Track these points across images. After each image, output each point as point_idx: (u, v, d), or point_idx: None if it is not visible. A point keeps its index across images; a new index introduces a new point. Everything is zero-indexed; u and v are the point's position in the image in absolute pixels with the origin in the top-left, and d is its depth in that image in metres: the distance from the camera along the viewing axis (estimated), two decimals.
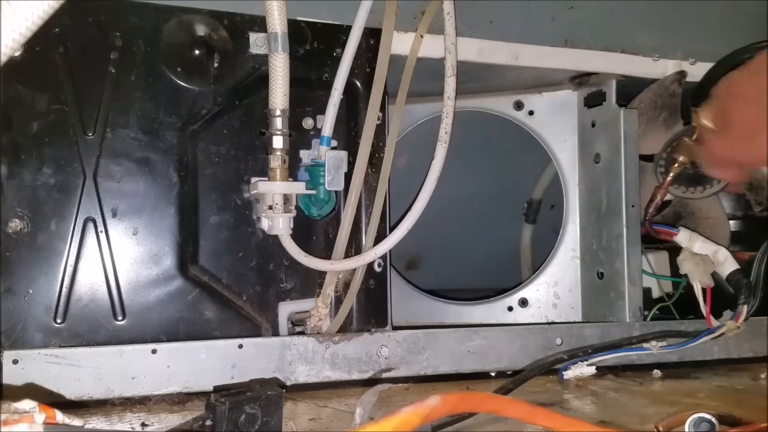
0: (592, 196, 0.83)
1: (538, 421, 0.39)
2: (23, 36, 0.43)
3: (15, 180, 0.60)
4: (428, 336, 0.68)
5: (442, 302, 0.91)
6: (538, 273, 0.88)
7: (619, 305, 0.77)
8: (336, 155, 0.67)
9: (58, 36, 0.61)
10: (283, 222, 0.65)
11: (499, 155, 1.03)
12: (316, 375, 0.64)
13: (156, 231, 0.64)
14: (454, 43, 0.70)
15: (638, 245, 0.78)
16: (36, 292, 0.60)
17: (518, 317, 0.88)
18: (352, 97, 0.70)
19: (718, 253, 0.78)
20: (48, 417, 0.36)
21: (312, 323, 0.69)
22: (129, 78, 0.63)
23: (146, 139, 0.63)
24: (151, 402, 0.59)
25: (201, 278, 0.65)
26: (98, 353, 0.58)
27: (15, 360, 0.56)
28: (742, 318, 0.73)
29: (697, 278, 0.76)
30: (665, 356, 0.74)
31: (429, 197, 0.69)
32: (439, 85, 0.70)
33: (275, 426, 0.45)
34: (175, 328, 0.64)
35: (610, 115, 0.80)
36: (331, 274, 0.68)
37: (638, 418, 0.55)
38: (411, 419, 0.32)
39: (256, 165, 0.67)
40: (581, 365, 0.69)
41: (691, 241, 0.79)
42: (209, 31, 0.65)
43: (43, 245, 0.60)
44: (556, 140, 0.87)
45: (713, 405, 0.60)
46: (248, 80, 0.67)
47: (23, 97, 0.60)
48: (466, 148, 0.96)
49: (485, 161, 1.02)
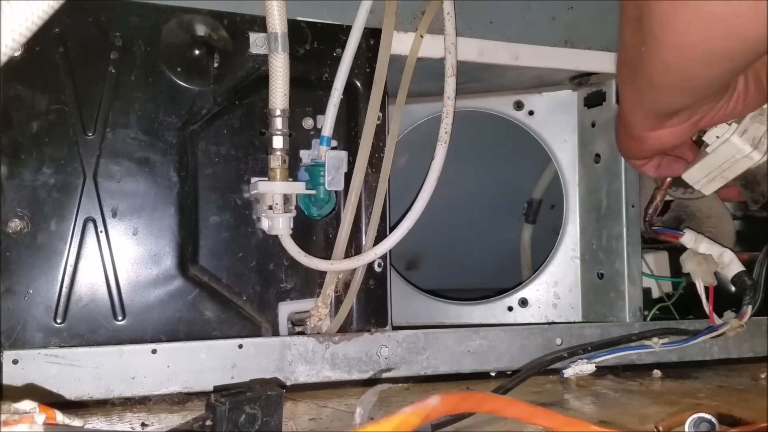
0: (592, 196, 0.83)
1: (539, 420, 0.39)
2: (23, 36, 0.43)
3: (15, 180, 0.60)
4: (428, 336, 0.68)
5: (442, 302, 0.91)
6: (538, 273, 0.88)
7: (619, 305, 0.77)
8: (336, 155, 0.67)
9: (58, 36, 0.60)
10: (283, 222, 0.65)
11: (499, 155, 1.03)
12: (316, 375, 0.64)
13: (156, 231, 0.64)
14: (454, 43, 0.70)
15: (638, 245, 0.78)
16: (36, 292, 0.60)
17: (518, 317, 0.88)
18: (352, 97, 0.70)
19: (723, 255, 0.77)
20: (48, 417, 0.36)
21: (312, 323, 0.69)
22: (129, 78, 0.63)
23: (146, 139, 0.63)
24: (151, 402, 0.59)
25: (201, 278, 0.65)
26: (98, 353, 0.58)
27: (15, 360, 0.56)
28: (747, 317, 0.73)
29: (699, 277, 0.76)
30: (665, 356, 0.74)
31: (429, 197, 0.69)
32: (439, 85, 0.70)
33: (275, 426, 0.45)
34: (175, 328, 0.64)
35: (610, 115, 0.80)
36: (331, 274, 0.68)
37: (638, 418, 0.55)
38: (411, 419, 0.32)
39: (256, 165, 0.67)
40: (581, 363, 0.69)
41: (696, 243, 0.79)
42: (209, 31, 0.65)
43: (43, 245, 0.60)
44: (556, 140, 0.87)
45: (713, 405, 0.60)
46: (248, 80, 0.67)
47: (23, 97, 0.60)
48: (466, 148, 0.96)
49: (485, 161, 1.02)
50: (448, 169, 0.70)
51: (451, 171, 0.73)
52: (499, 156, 1.03)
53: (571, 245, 0.86)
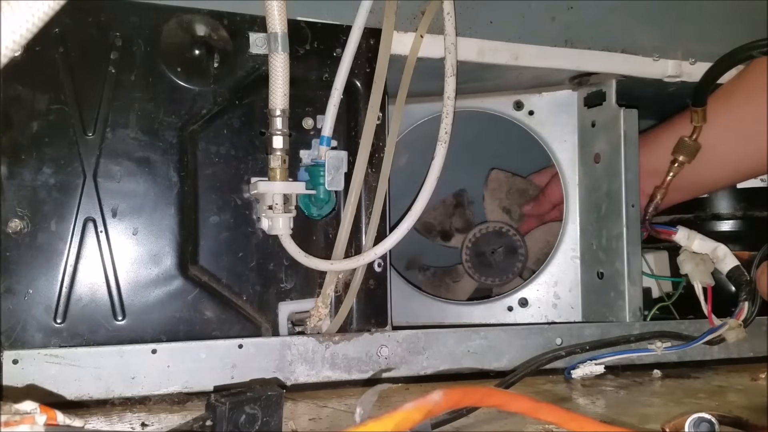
0: (592, 196, 0.83)
1: (542, 415, 0.38)
2: (23, 38, 0.43)
3: (15, 180, 0.60)
4: (428, 336, 0.68)
5: (442, 302, 0.91)
6: (538, 273, 0.88)
7: (619, 305, 0.77)
8: (336, 155, 0.67)
9: (58, 36, 0.60)
10: (283, 222, 0.65)
11: (499, 155, 1.03)
12: (316, 375, 0.64)
13: (156, 231, 0.64)
14: (454, 43, 0.70)
15: (638, 245, 0.78)
16: (36, 292, 0.60)
17: (518, 317, 0.88)
18: (352, 97, 0.70)
19: (717, 250, 0.78)
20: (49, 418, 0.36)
21: (312, 323, 0.69)
22: (129, 78, 0.63)
23: (146, 139, 0.63)
24: (151, 402, 0.59)
25: (201, 278, 0.65)
26: (98, 353, 0.58)
27: (15, 360, 0.56)
28: (744, 315, 0.73)
29: (697, 278, 0.76)
30: (665, 356, 0.74)
31: (429, 197, 0.69)
32: (439, 85, 0.70)
33: (275, 426, 0.45)
34: (175, 328, 0.64)
35: (610, 115, 0.80)
36: (331, 274, 0.68)
37: (638, 417, 0.55)
38: (413, 415, 0.32)
39: (256, 165, 0.67)
40: (590, 364, 0.69)
41: (689, 240, 0.79)
42: (209, 31, 0.65)
43: (43, 245, 0.60)
44: (556, 140, 0.87)
45: (713, 405, 0.60)
46: (248, 80, 0.66)
47: (23, 97, 0.60)
48: (466, 148, 0.96)
49: (485, 161, 1.02)
50: (448, 169, 0.70)
51: (451, 171, 0.73)
52: (499, 156, 1.03)
53: (571, 245, 0.86)
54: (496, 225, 0.96)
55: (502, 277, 0.95)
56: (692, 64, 0.80)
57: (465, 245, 0.96)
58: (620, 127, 0.78)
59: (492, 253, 0.95)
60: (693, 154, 0.78)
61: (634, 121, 0.78)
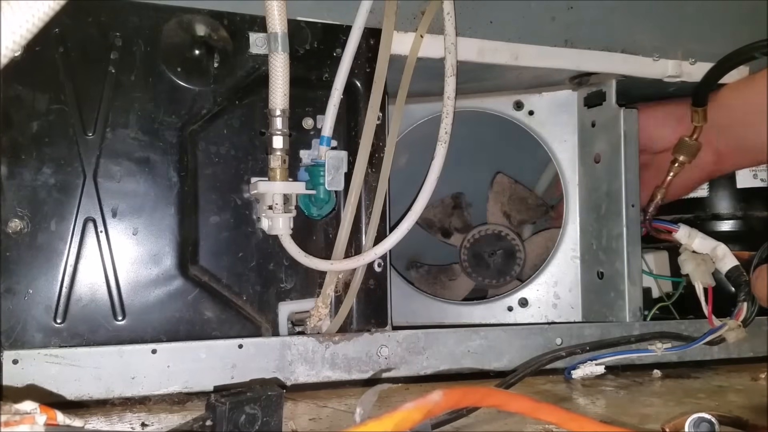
0: (592, 196, 0.83)
1: (542, 415, 0.38)
2: (24, 38, 0.43)
3: (15, 180, 0.60)
4: (428, 336, 0.68)
5: (442, 302, 0.91)
6: (538, 273, 0.88)
7: (619, 305, 0.77)
8: (336, 155, 0.67)
9: (58, 36, 0.60)
10: (283, 222, 0.65)
11: (499, 155, 1.03)
12: (316, 375, 0.64)
13: (156, 231, 0.64)
14: (454, 43, 0.70)
15: (638, 245, 0.78)
16: (36, 292, 0.60)
17: (518, 317, 0.88)
18: (352, 97, 0.70)
19: (717, 249, 0.78)
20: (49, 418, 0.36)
21: (312, 323, 0.69)
22: (129, 78, 0.63)
23: (146, 139, 0.63)
24: (151, 402, 0.59)
25: (201, 278, 0.65)
26: (98, 353, 0.58)
27: (15, 360, 0.56)
28: (743, 316, 0.73)
29: (698, 278, 0.76)
30: (665, 356, 0.74)
31: (429, 197, 0.69)
32: (439, 85, 0.70)
33: (275, 426, 0.45)
34: (175, 328, 0.64)
35: (610, 115, 0.80)
36: (331, 274, 0.68)
37: (638, 417, 0.55)
38: (413, 415, 0.32)
39: (256, 165, 0.67)
40: (590, 364, 0.69)
41: (690, 238, 0.79)
42: (209, 31, 0.65)
43: (43, 245, 0.60)
44: (556, 140, 0.87)
45: (713, 405, 0.60)
46: (248, 80, 0.67)
47: (23, 97, 0.60)
48: (466, 148, 0.96)
49: (485, 161, 1.02)
50: (448, 169, 0.70)
51: (451, 171, 0.73)
52: (499, 156, 1.03)
53: (571, 245, 0.86)
54: (496, 228, 0.96)
55: (500, 279, 0.95)
56: (692, 64, 0.80)
57: (463, 245, 0.96)
58: (620, 127, 0.78)
59: (490, 255, 0.95)
60: (693, 154, 0.78)
61: (634, 121, 0.78)
